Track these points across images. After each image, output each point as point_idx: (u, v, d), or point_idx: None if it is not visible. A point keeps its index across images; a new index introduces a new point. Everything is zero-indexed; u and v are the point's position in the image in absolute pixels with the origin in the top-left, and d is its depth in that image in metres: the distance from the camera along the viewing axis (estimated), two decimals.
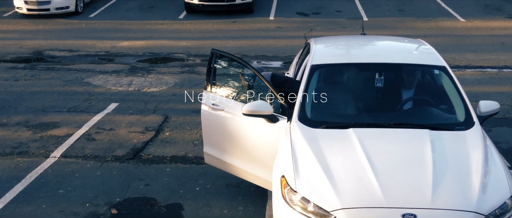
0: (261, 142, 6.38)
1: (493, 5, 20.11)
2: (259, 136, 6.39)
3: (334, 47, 7.63)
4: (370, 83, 6.61)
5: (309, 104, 6.21)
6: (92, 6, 19.80)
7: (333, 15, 18.72)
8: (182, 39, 15.79)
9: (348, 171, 5.18)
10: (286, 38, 15.62)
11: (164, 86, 11.74)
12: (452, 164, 5.30)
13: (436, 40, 14.44)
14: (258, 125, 6.33)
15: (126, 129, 9.47)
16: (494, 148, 5.75)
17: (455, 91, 6.38)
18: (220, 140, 6.86)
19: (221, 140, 6.85)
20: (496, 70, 12.84)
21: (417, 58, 7.06)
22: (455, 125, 6.01)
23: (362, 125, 5.86)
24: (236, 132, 6.62)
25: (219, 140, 6.88)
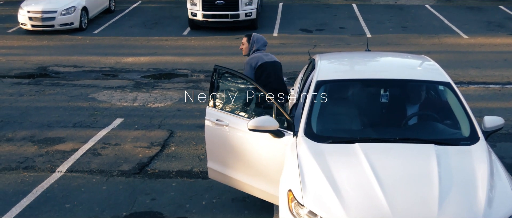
0: (267, 157, 6.42)
1: (496, 22, 20.20)
2: (265, 150, 6.43)
3: (339, 63, 7.69)
4: (375, 99, 6.66)
5: (315, 119, 6.25)
6: (96, 23, 19.91)
7: (337, 31, 18.81)
8: (186, 55, 15.86)
9: (355, 185, 5.21)
10: (290, 54, 15.68)
11: (169, 102, 11.79)
12: (458, 179, 5.34)
13: (440, 57, 14.49)
14: (264, 139, 6.37)
15: (131, 143, 9.52)
16: (499, 162, 5.79)
17: (460, 106, 6.43)
18: (224, 155, 6.91)
19: (225, 155, 6.90)
20: (500, 86, 12.89)
21: (421, 74, 7.11)
22: (460, 140, 6.06)
23: (368, 140, 5.91)
24: (241, 147, 6.66)
25: (223, 155, 6.93)
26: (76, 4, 18.54)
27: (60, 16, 18.16)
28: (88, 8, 19.20)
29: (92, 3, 19.62)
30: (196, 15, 18.52)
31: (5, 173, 8.39)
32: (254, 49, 7.91)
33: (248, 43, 7.88)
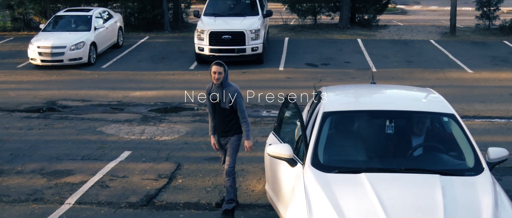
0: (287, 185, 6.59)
1: (500, 57, 20.36)
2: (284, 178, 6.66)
3: (344, 95, 7.82)
4: (381, 130, 6.75)
5: (321, 149, 6.35)
6: (104, 57, 20.17)
7: (342, 66, 18.99)
8: (193, 89, 16.00)
9: (361, 214, 5.28)
10: (296, 88, 15.82)
11: (176, 135, 11.91)
12: (463, 209, 5.40)
13: (445, 91, 14.57)
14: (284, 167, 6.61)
15: (139, 176, 9.60)
16: (503, 193, 5.85)
17: (464, 138, 6.52)
18: (273, 180, 7.42)
19: (273, 181, 7.41)
20: (505, 121, 12.96)
21: (426, 106, 7.22)
22: (465, 170, 6.13)
23: (374, 170, 5.99)
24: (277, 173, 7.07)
25: (272, 181, 7.50)
26: (85, 39, 18.85)
27: (69, 51, 18.45)
28: (96, 44, 19.50)
29: (100, 38, 19.93)
30: (203, 49, 18.77)
31: (15, 205, 8.48)
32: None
33: (224, 71, 7.76)
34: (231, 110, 7.80)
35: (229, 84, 7.84)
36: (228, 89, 7.79)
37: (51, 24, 20.26)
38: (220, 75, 7.69)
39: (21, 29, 26.27)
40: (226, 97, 7.75)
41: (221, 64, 7.74)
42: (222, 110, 7.84)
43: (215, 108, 7.92)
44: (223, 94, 7.78)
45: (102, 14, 21.17)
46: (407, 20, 34.12)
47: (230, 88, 7.80)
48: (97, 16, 20.52)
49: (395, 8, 41.95)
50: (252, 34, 18.66)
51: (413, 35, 25.40)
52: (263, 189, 8.85)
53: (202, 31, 18.78)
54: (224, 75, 7.72)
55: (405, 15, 39.07)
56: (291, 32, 25.91)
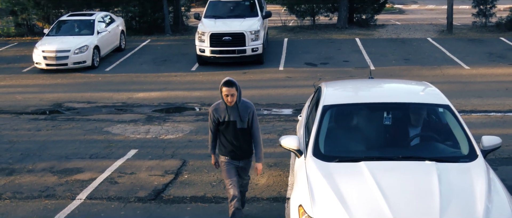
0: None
1: (497, 53, 20.69)
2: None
3: (343, 90, 8.14)
4: (379, 121, 7.08)
5: (322, 140, 6.68)
6: (107, 61, 20.51)
7: (341, 65, 19.31)
8: (195, 90, 16.35)
9: (361, 198, 5.60)
10: (296, 87, 16.15)
11: (181, 134, 12.22)
12: (458, 192, 5.72)
13: (442, 87, 14.75)
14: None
15: (146, 172, 9.91)
16: (497, 178, 6.17)
17: (459, 127, 6.85)
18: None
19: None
20: (501, 114, 13.27)
21: (422, 98, 7.54)
22: (460, 157, 6.46)
23: (373, 159, 6.31)
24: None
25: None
26: (89, 43, 19.20)
27: (73, 55, 18.80)
28: (99, 47, 19.85)
29: (103, 42, 20.28)
30: (204, 51, 19.10)
31: (28, 201, 8.79)
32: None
33: (237, 91, 6.97)
34: (247, 129, 7.11)
35: (243, 101, 7.12)
36: (244, 107, 7.08)
37: (55, 29, 20.62)
38: (233, 98, 6.89)
39: (25, 34, 26.64)
40: (243, 116, 7.03)
41: (232, 84, 6.91)
42: (239, 130, 7.06)
43: (229, 129, 7.07)
44: (239, 114, 7.04)
45: (104, 18, 21.52)
46: (404, 19, 34.46)
47: (246, 106, 7.11)
48: (99, 20, 20.87)
49: (392, 8, 42.33)
50: (252, 35, 18.99)
51: (411, 34, 25.73)
52: (266, 183, 9.18)
53: (203, 33, 19.11)
54: (237, 94, 6.93)
55: (402, 15, 39.42)
56: (290, 33, 26.25)
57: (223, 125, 7.10)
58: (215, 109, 7.15)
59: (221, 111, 7.09)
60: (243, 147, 7.18)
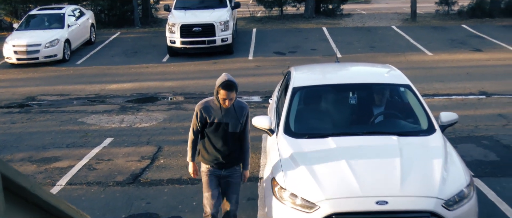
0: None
1: (458, 40, 21.40)
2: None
3: (311, 73, 8.60)
4: (345, 101, 7.54)
5: (292, 119, 7.12)
6: (78, 54, 20.70)
7: (309, 53, 19.81)
8: (167, 80, 16.68)
9: (329, 169, 6.06)
10: (265, 75, 16.59)
11: (154, 122, 12.56)
12: (417, 162, 6.21)
13: (406, 73, 15.21)
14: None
15: (123, 158, 10.25)
16: (453, 150, 6.68)
17: (419, 105, 7.35)
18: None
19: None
20: (462, 97, 13.89)
21: (385, 79, 8.03)
22: (420, 132, 6.96)
23: (339, 134, 6.77)
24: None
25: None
26: (59, 36, 19.37)
27: (44, 48, 18.95)
28: (70, 40, 20.03)
29: (74, 35, 20.46)
30: (174, 42, 19.42)
31: None
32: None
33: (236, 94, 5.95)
34: (239, 133, 6.19)
35: (238, 101, 6.19)
36: (239, 109, 6.15)
37: (24, 23, 20.73)
38: (232, 101, 5.94)
39: None
40: (238, 119, 6.12)
41: (233, 87, 5.87)
42: (229, 135, 6.10)
43: (218, 132, 6.09)
44: (234, 116, 6.10)
45: (74, 11, 21.68)
46: (370, 9, 35.14)
47: (242, 106, 6.21)
48: (69, 14, 21.04)
49: None
50: (221, 25, 19.36)
51: (376, 22, 26.36)
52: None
53: (173, 25, 19.42)
54: (234, 96, 5.93)
55: (368, 4, 40.12)
56: (258, 23, 26.68)
57: (212, 126, 6.05)
58: (205, 107, 6.07)
59: (212, 110, 6.05)
60: (231, 154, 6.18)
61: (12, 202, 2.30)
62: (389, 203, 5.58)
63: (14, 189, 2.29)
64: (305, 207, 5.74)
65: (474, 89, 14.53)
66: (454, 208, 5.68)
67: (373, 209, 5.57)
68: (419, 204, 5.62)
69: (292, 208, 5.82)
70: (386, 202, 5.58)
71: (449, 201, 5.69)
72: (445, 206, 5.64)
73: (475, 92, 14.25)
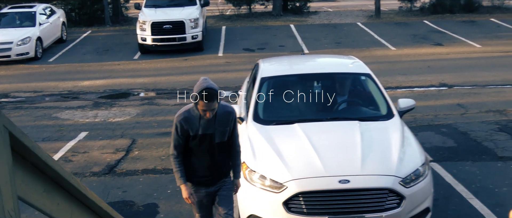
0: None
1: (421, 35, 22.13)
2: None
3: (278, 64, 9.09)
4: (310, 90, 8.04)
5: (261, 107, 7.60)
6: (50, 52, 20.90)
7: (277, 49, 20.31)
8: (139, 77, 17.02)
9: (295, 152, 6.55)
10: (235, 71, 17.04)
11: (128, 117, 12.91)
12: (377, 144, 6.74)
13: (371, 66, 15.69)
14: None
15: (98, 151, 10.61)
16: (411, 133, 7.22)
17: (379, 92, 7.89)
18: None
19: None
20: (423, 89, 14.52)
21: (347, 68, 8.57)
22: (379, 117, 7.49)
23: (305, 121, 7.27)
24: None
25: None
26: (31, 34, 19.55)
27: (16, 46, 19.13)
28: (42, 38, 20.23)
29: (45, 33, 20.66)
30: (145, 40, 19.76)
31: None
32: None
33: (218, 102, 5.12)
34: (227, 142, 5.45)
35: (222, 106, 5.37)
36: (224, 114, 5.34)
37: None
38: (214, 111, 5.10)
39: None
40: (224, 127, 5.35)
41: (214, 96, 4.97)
42: (216, 146, 5.35)
43: (203, 146, 5.32)
44: (218, 125, 5.31)
45: (45, 10, 21.87)
46: (336, 6, 35.83)
47: (227, 111, 5.37)
48: (41, 12, 21.22)
49: None
50: (191, 23, 19.76)
51: (342, 19, 27.00)
52: None
53: (144, 22, 19.76)
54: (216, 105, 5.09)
55: (335, 2, 40.82)
56: (227, 21, 27.12)
57: (195, 139, 5.28)
58: (185, 119, 5.25)
59: (194, 121, 5.25)
60: (219, 168, 5.50)
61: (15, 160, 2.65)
62: (351, 182, 6.07)
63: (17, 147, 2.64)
64: (273, 188, 6.21)
65: (435, 81, 15.18)
66: (410, 185, 6.20)
67: (336, 188, 6.07)
68: (378, 182, 6.13)
69: (262, 189, 6.28)
70: (348, 180, 6.07)
71: (406, 179, 6.20)
72: (402, 183, 6.15)
73: (436, 84, 14.90)
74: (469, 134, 10.67)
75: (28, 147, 2.63)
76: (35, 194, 2.82)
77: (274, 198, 6.15)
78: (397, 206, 6.05)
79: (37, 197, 2.86)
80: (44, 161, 2.82)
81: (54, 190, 3.04)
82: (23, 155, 2.66)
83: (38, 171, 2.90)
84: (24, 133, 2.68)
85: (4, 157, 2.38)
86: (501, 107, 12.41)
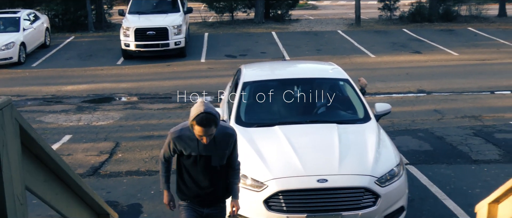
0: None
1: (400, 43, 22.56)
2: None
3: (260, 69, 9.37)
4: (290, 94, 8.30)
5: (243, 110, 7.86)
6: (33, 57, 20.99)
7: (258, 56, 20.59)
8: (122, 82, 17.19)
9: (275, 153, 6.80)
10: (217, 77, 17.28)
11: (111, 120, 13.09)
12: (353, 145, 7.02)
13: (350, 73, 16.02)
14: None
15: (83, 153, 10.78)
16: (386, 135, 7.52)
17: (356, 97, 8.19)
18: None
19: None
20: (402, 95, 14.87)
21: (326, 74, 8.86)
22: (357, 120, 7.79)
23: (286, 123, 7.53)
24: None
25: None
26: (15, 39, 19.64)
27: (0, 51, 19.20)
28: (26, 44, 20.32)
29: (29, 38, 20.76)
30: (129, 45, 19.95)
31: None
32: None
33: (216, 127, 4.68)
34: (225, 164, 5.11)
35: (222, 127, 4.92)
36: (224, 137, 4.97)
37: None
38: (211, 136, 4.71)
39: None
40: (222, 151, 5.00)
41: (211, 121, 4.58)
42: (212, 168, 4.99)
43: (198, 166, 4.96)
44: (216, 148, 4.93)
45: (29, 15, 21.97)
46: (317, 14, 36.26)
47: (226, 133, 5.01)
48: (25, 18, 21.31)
49: (306, 4, 44.17)
50: (174, 29, 19.99)
51: (323, 27, 27.39)
52: None
53: (127, 28, 19.95)
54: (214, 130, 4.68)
55: (316, 10, 41.28)
56: (210, 28, 27.37)
57: (189, 159, 4.94)
58: (178, 138, 4.88)
59: (188, 142, 4.87)
60: (215, 190, 5.11)
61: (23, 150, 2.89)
62: (328, 181, 6.34)
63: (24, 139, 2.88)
64: (254, 187, 6.45)
65: (413, 88, 15.55)
66: (385, 185, 6.48)
67: (314, 187, 6.33)
68: (354, 181, 6.41)
69: (243, 188, 6.50)
70: (326, 180, 6.34)
71: (381, 179, 6.48)
72: (378, 183, 6.43)
73: (414, 90, 15.27)
74: (445, 138, 11.01)
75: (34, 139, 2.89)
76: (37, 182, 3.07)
77: (255, 197, 6.39)
78: (373, 204, 6.33)
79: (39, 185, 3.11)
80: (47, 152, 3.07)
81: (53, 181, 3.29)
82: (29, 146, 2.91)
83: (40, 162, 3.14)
84: (32, 126, 2.92)
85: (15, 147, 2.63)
86: (476, 113, 12.79)
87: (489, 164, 9.60)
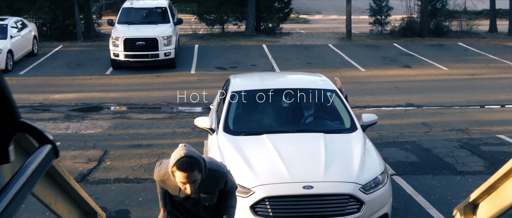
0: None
1: (390, 57, 22.71)
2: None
3: (249, 79, 9.45)
4: (278, 104, 8.38)
5: (231, 119, 7.91)
6: (21, 65, 20.94)
7: (249, 68, 20.66)
8: (111, 92, 17.19)
9: (262, 160, 6.86)
10: (207, 88, 17.26)
11: (100, 129, 13.09)
12: (339, 154, 7.10)
13: None
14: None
15: (71, 160, 10.77)
16: (372, 146, 7.58)
17: (344, 107, 8.26)
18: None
19: None
20: (391, 109, 14.97)
21: (314, 85, 8.94)
22: (343, 130, 7.86)
23: (273, 132, 7.59)
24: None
25: None
26: (2, 47, 19.55)
27: None
28: (13, 51, 20.23)
29: (16, 46, 20.69)
30: (118, 55, 19.95)
31: None
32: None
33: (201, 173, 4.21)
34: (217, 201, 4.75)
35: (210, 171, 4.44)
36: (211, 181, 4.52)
37: None
38: (195, 184, 4.20)
39: None
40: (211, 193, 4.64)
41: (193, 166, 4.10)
42: (203, 206, 4.76)
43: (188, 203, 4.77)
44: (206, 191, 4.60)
45: (17, 23, 21.91)
46: (308, 28, 36.40)
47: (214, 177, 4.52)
48: (12, 25, 21.25)
49: (298, 18, 44.33)
50: (164, 40, 20.03)
51: (314, 41, 27.53)
52: None
53: (117, 38, 19.96)
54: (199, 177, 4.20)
55: (307, 24, 41.42)
56: (200, 40, 27.43)
57: (177, 197, 4.75)
58: (163, 182, 4.63)
59: (173, 187, 4.57)
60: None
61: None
62: (314, 188, 6.39)
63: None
64: (241, 193, 6.48)
65: (402, 101, 15.65)
66: (370, 192, 6.54)
67: (300, 193, 6.38)
68: (340, 188, 6.46)
69: None
70: (311, 186, 6.39)
71: (366, 186, 6.54)
72: (362, 190, 6.49)
73: (403, 104, 15.37)
74: (432, 150, 11.09)
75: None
76: None
77: (242, 202, 6.41)
78: (357, 211, 6.38)
79: None
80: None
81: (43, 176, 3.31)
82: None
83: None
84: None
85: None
86: (463, 127, 12.89)
87: (474, 175, 9.68)
